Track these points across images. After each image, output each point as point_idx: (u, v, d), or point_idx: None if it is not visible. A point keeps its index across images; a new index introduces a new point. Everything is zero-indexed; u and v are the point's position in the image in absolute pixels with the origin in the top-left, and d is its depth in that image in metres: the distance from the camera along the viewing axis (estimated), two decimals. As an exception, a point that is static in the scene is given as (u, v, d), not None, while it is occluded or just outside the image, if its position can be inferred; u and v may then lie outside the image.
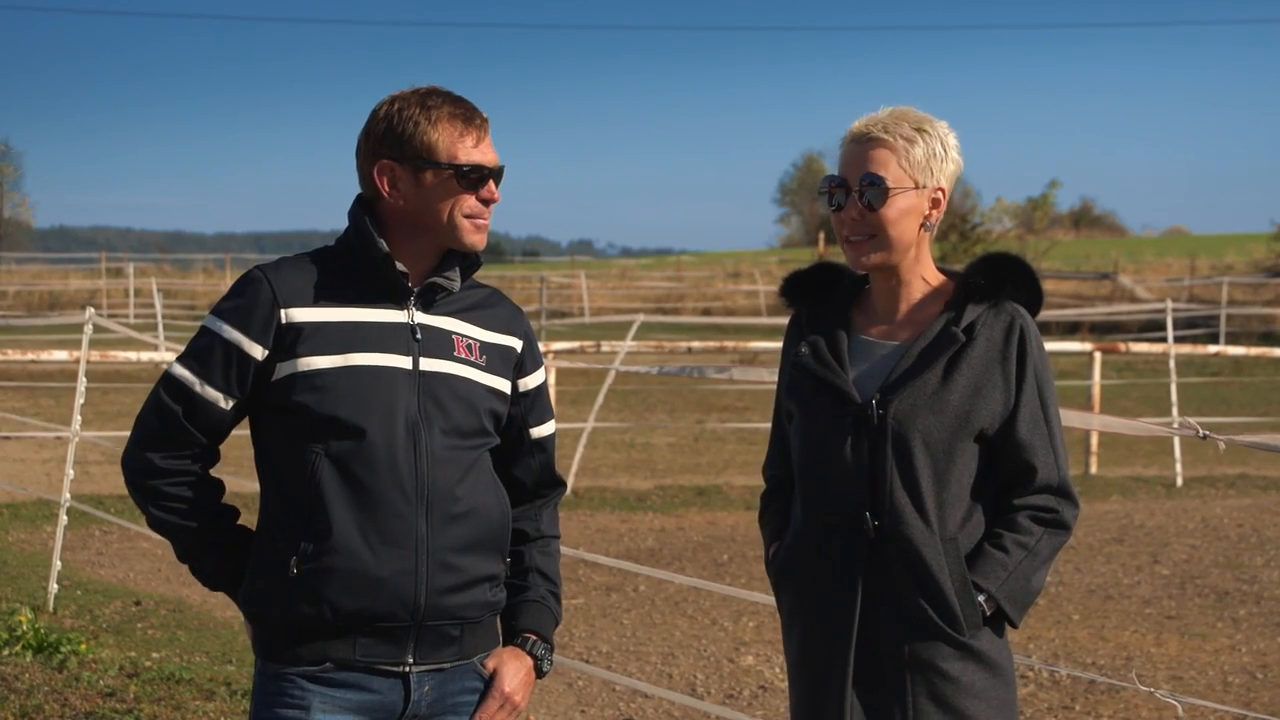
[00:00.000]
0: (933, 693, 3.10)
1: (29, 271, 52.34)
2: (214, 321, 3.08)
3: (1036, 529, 3.13)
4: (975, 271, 3.20)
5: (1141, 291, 38.56)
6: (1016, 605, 3.13)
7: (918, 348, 3.15)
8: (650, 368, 8.56)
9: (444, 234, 3.10)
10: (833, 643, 3.15)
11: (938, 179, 3.18)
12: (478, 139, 3.10)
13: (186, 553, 3.14)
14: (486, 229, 3.14)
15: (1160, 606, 9.15)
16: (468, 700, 3.14)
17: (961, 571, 3.09)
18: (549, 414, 3.33)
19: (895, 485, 3.10)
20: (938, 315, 3.18)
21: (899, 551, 3.09)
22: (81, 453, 13.55)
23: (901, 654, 3.11)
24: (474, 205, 3.09)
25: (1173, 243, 66.32)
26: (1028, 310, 3.19)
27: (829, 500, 3.17)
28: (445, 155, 3.07)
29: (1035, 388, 3.14)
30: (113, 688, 6.82)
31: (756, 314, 39.67)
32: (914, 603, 3.09)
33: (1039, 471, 3.13)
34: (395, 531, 3.01)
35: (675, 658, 7.90)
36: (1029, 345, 3.14)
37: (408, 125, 3.07)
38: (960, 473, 3.12)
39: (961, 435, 3.10)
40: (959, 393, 3.10)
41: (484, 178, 3.10)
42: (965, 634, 3.09)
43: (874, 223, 3.16)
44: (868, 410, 3.12)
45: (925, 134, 3.16)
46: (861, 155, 3.17)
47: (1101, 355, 15.58)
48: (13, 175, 70.28)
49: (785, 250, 68.33)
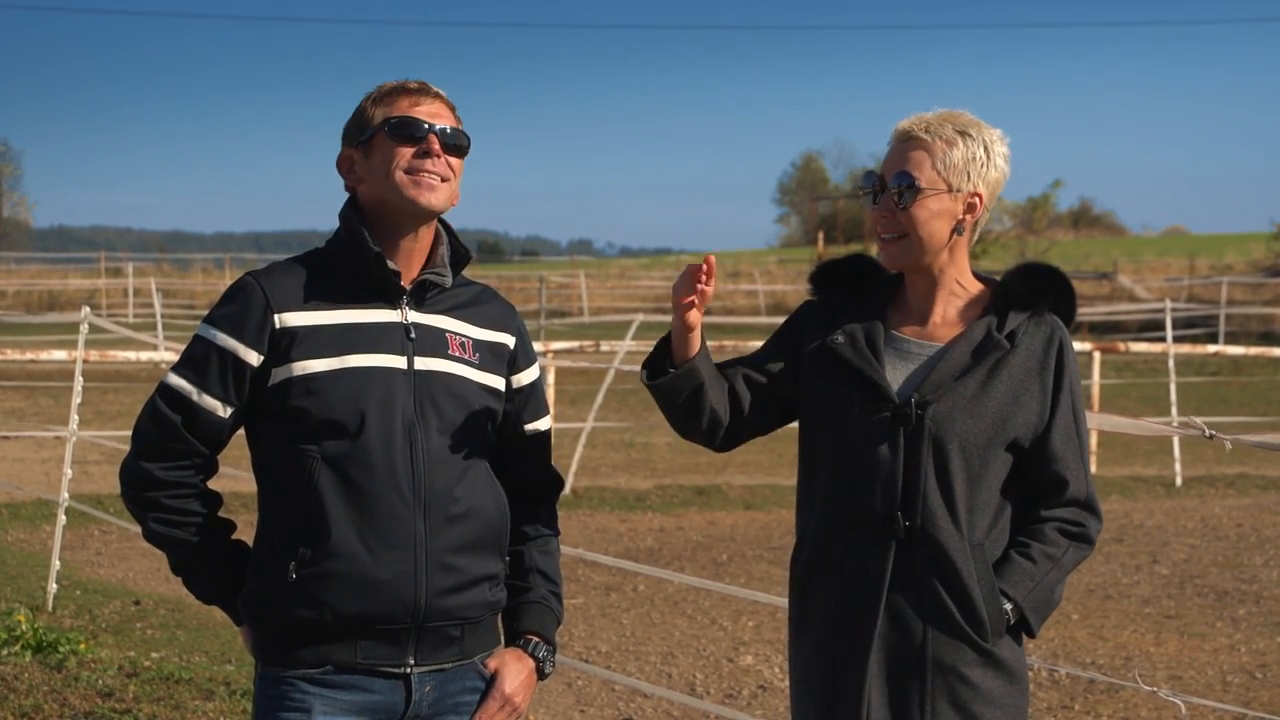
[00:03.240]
0: (952, 697, 3.09)
1: (28, 271, 52.34)
2: (207, 329, 3.06)
3: (1063, 541, 3.14)
4: (1015, 279, 3.19)
5: (1141, 291, 38.58)
6: (1038, 616, 3.13)
7: (959, 351, 3.13)
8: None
9: (395, 200, 3.06)
10: (854, 641, 3.12)
11: (975, 184, 3.15)
12: (415, 101, 3.08)
13: (182, 565, 3.13)
14: (435, 188, 3.06)
15: (1160, 606, 9.16)
16: (469, 700, 3.14)
17: (989, 578, 3.09)
18: (544, 410, 3.31)
19: (930, 487, 3.08)
20: (977, 320, 3.16)
21: (929, 554, 3.08)
22: (80, 452, 13.55)
23: (924, 656, 3.09)
24: (410, 159, 3.05)
25: (1172, 242, 66.32)
26: (1063, 321, 3.18)
27: (858, 497, 3.13)
28: (379, 119, 3.08)
29: (1070, 401, 3.14)
30: (112, 688, 6.82)
31: (756, 314, 39.65)
32: (941, 606, 3.08)
33: (1070, 485, 3.13)
34: (394, 533, 3.00)
35: (675, 657, 7.90)
36: (1066, 358, 3.14)
37: (358, 114, 3.12)
38: (991, 480, 3.11)
39: (996, 442, 3.09)
40: (998, 399, 3.09)
41: (421, 132, 3.06)
42: (989, 640, 3.09)
43: (904, 222, 3.14)
44: (906, 410, 3.10)
45: (968, 137, 3.14)
46: (901, 154, 3.16)
47: (1101, 355, 15.58)
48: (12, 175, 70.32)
49: (784, 250, 68.31)
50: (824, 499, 3.20)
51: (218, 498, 3.15)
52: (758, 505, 12.96)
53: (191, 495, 3.08)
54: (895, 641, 3.11)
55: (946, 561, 3.07)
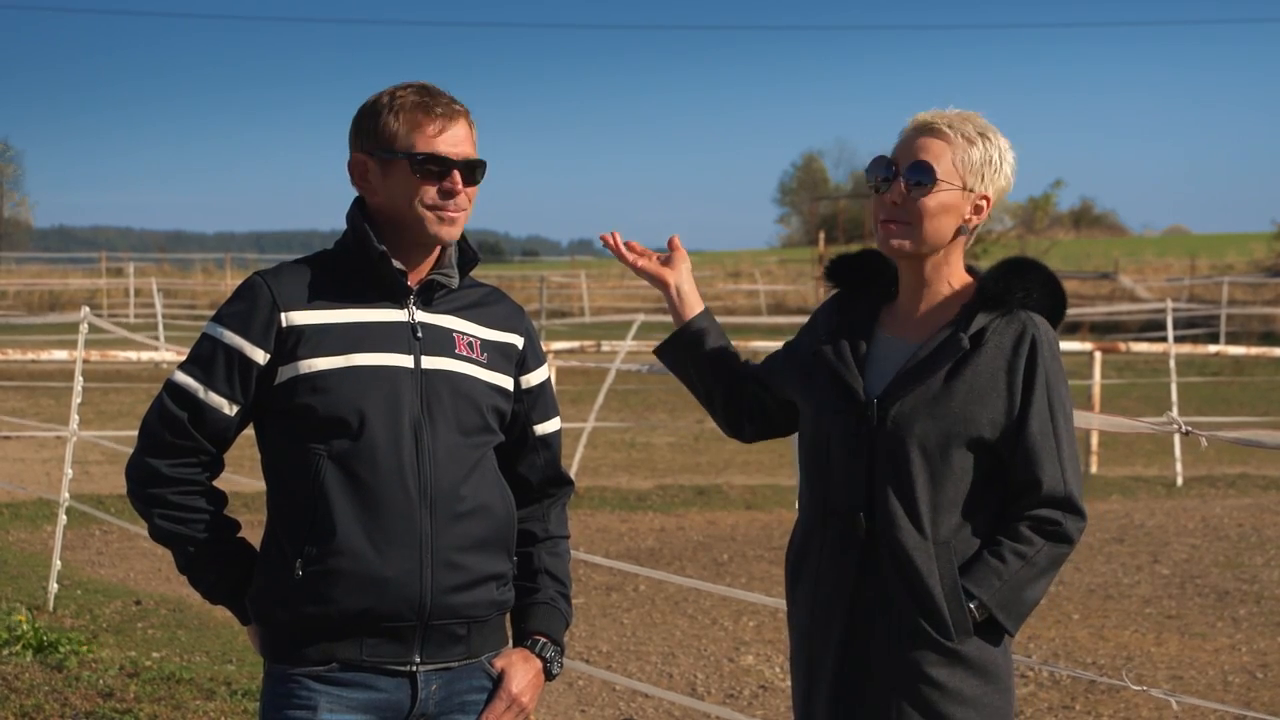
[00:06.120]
0: (919, 698, 3.08)
1: (29, 271, 52.35)
2: (214, 328, 3.08)
3: (1037, 539, 3.11)
4: (990, 277, 3.18)
5: (1142, 291, 38.57)
6: (1010, 614, 3.10)
7: (925, 351, 3.13)
8: (650, 367, 8.56)
9: (412, 227, 3.07)
10: (824, 641, 3.16)
11: (986, 186, 3.15)
12: (440, 128, 3.06)
13: (188, 564, 3.13)
14: (455, 221, 3.08)
15: (1160, 606, 9.16)
16: (475, 699, 3.14)
17: (953, 577, 3.08)
18: (553, 411, 3.32)
19: (889, 487, 3.09)
20: (951, 320, 3.16)
21: (889, 554, 3.09)
22: (81, 452, 13.55)
23: (889, 657, 3.10)
24: (434, 197, 3.06)
25: (1173, 242, 66.30)
26: (1049, 318, 3.16)
27: (827, 496, 3.17)
28: (403, 145, 3.05)
29: (1045, 399, 3.10)
30: (112, 687, 6.82)
31: (756, 314, 39.68)
32: (903, 606, 3.08)
33: (1044, 483, 3.11)
34: (400, 531, 3.01)
35: (675, 657, 7.90)
36: (1040, 355, 3.10)
37: (375, 118, 3.07)
38: (956, 479, 3.10)
39: (958, 441, 3.08)
40: (960, 399, 3.08)
41: (445, 169, 3.06)
42: (954, 640, 3.07)
43: (913, 210, 3.13)
44: (869, 410, 3.12)
45: (987, 140, 3.15)
46: (919, 143, 3.15)
47: (1102, 355, 15.58)
48: (13, 175, 70.32)
49: (785, 250, 68.29)
50: (804, 499, 3.25)
51: (223, 496, 3.15)
52: (758, 505, 12.96)
53: (197, 492, 3.09)
54: (861, 642, 3.12)
55: (906, 561, 3.07)
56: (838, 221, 49.32)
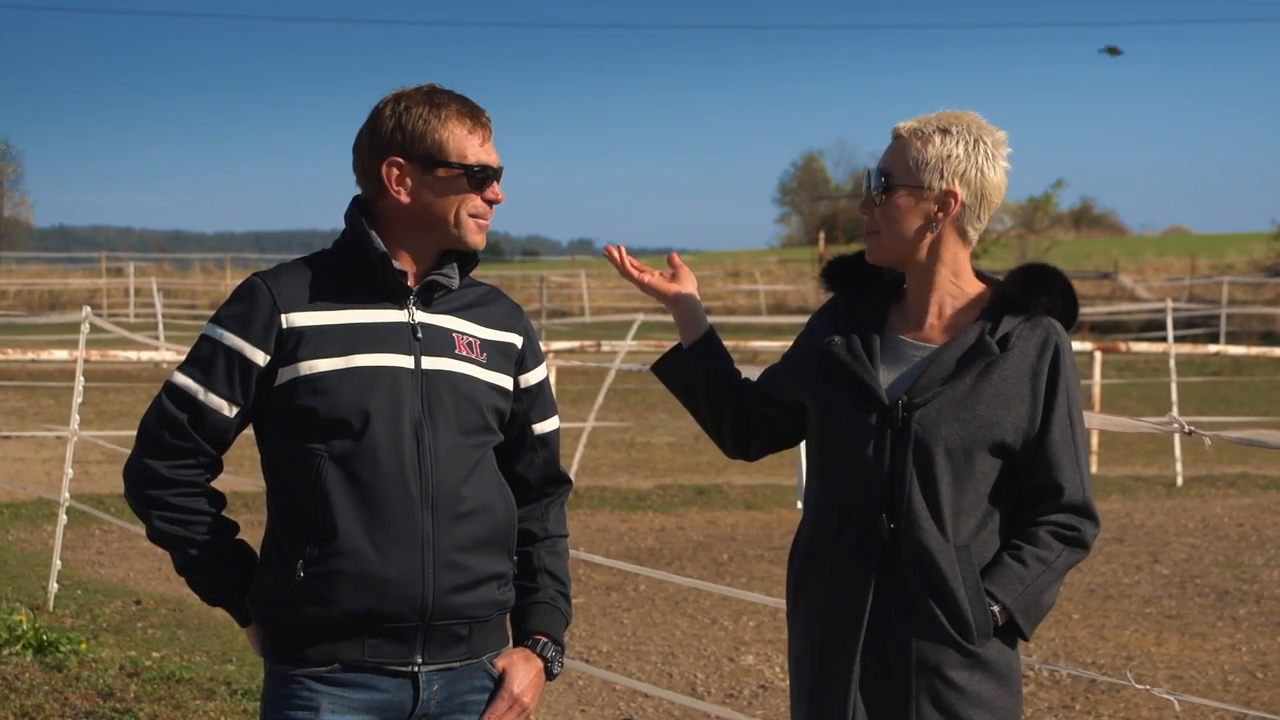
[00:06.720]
0: (938, 699, 3.09)
1: (29, 271, 52.35)
2: (214, 329, 3.07)
3: (1057, 545, 3.12)
4: (1013, 282, 3.19)
5: (1142, 291, 38.58)
6: (1029, 618, 3.12)
7: (950, 354, 3.12)
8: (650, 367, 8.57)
9: (447, 233, 3.10)
10: (840, 641, 3.14)
11: (948, 181, 3.13)
12: (484, 138, 3.12)
13: (187, 565, 3.13)
14: (487, 229, 3.15)
15: (1160, 606, 9.16)
16: (477, 699, 3.14)
17: (975, 580, 3.08)
18: (552, 410, 3.32)
19: (914, 490, 3.08)
20: (973, 323, 3.16)
21: (913, 556, 3.08)
22: (81, 452, 13.55)
23: (909, 658, 3.09)
24: (479, 205, 3.11)
25: (1173, 242, 66.28)
26: (1062, 324, 3.17)
27: (846, 498, 3.15)
28: (455, 154, 3.08)
29: (1066, 406, 3.12)
30: (112, 687, 6.82)
31: (756, 314, 39.69)
32: (926, 607, 3.08)
33: (1065, 490, 3.12)
34: (401, 532, 3.01)
35: (675, 657, 7.90)
36: (1062, 363, 3.12)
37: (418, 123, 3.07)
38: (978, 482, 3.11)
39: (983, 446, 3.09)
40: (986, 403, 3.09)
41: (490, 178, 3.11)
42: (975, 642, 3.08)
43: (878, 217, 3.18)
44: (893, 412, 3.11)
45: (947, 135, 3.14)
46: (886, 152, 3.21)
47: (1102, 354, 15.59)
48: (13, 174, 70.33)
49: (785, 250, 68.30)
50: (817, 499, 3.23)
51: (222, 497, 3.15)
52: (758, 505, 12.96)
53: (197, 494, 3.09)
54: (880, 643, 3.11)
55: (931, 564, 3.07)
56: (838, 221, 49.34)
